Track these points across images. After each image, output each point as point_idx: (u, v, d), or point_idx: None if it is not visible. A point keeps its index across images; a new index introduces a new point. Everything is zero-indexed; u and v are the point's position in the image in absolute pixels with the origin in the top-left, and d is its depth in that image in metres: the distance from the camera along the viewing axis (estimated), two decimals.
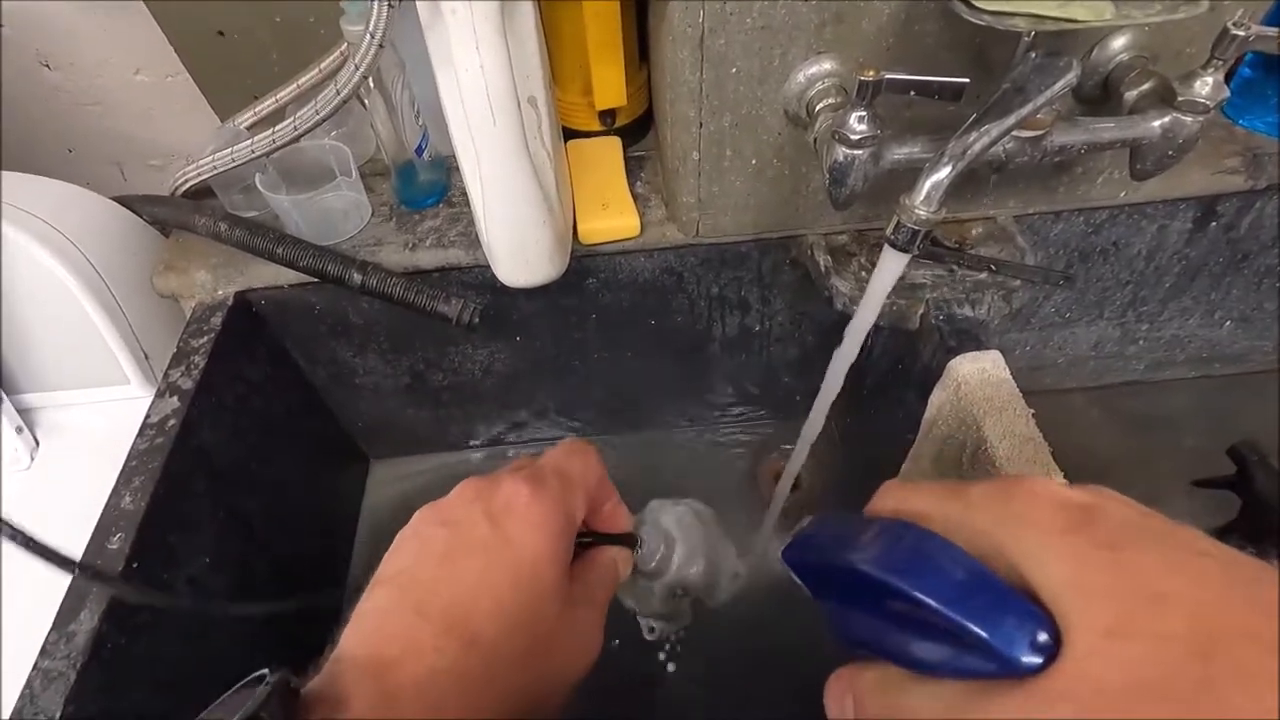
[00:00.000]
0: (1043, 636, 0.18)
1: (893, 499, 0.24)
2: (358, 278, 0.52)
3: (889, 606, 0.21)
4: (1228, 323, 0.70)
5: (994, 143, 0.34)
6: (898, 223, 0.35)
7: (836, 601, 0.24)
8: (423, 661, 0.22)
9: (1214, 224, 0.59)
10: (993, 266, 0.52)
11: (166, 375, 0.51)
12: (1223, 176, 0.54)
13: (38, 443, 0.54)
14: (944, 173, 0.33)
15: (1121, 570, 0.17)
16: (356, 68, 0.41)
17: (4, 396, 0.53)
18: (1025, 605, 0.18)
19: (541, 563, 0.25)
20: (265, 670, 0.21)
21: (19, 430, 0.53)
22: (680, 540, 0.34)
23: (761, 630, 0.64)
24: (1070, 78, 0.35)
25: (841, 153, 0.39)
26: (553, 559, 0.25)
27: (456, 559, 0.24)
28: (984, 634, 0.18)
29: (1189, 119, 0.39)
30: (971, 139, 0.33)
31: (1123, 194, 0.54)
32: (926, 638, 0.20)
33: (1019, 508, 0.20)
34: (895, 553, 0.21)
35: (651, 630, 0.37)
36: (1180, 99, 0.39)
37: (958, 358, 0.48)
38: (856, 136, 0.38)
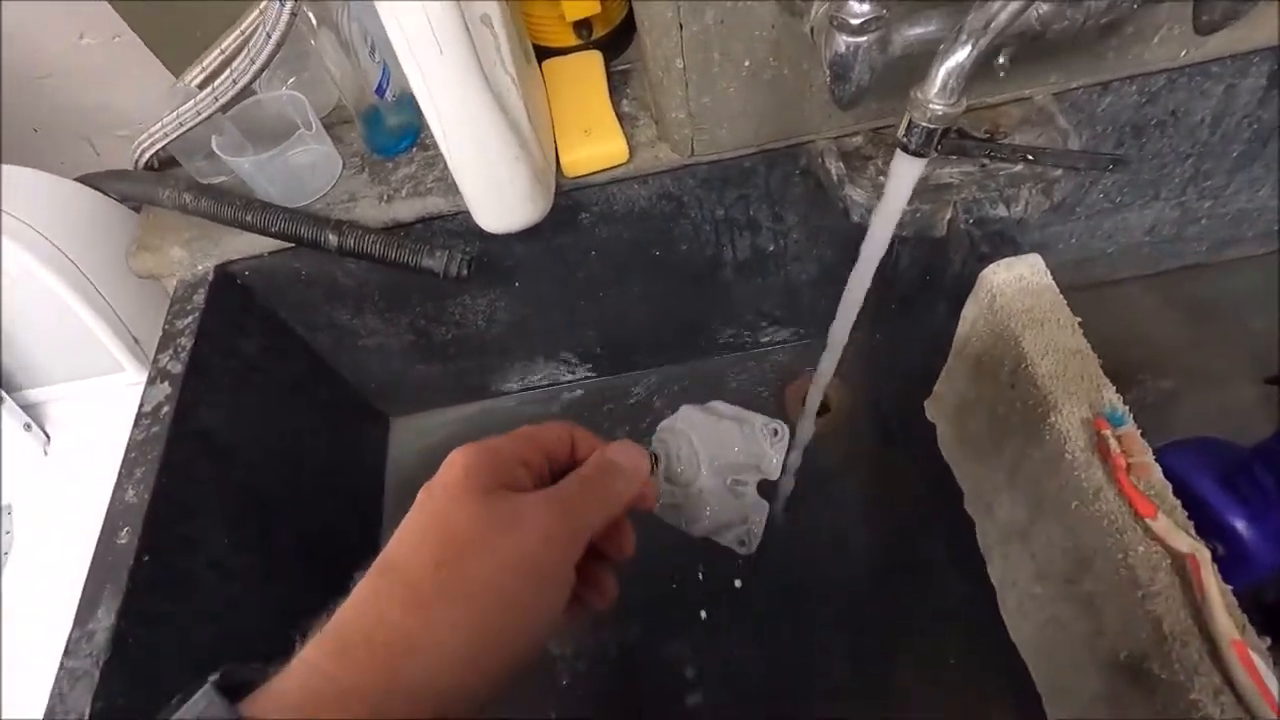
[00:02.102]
0: None
1: None
2: (333, 239, 0.49)
3: None
4: None
5: (1024, 9, 0.28)
6: (910, 122, 0.29)
7: None
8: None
9: None
10: (1030, 156, 0.45)
11: (155, 360, 0.49)
12: None
13: (48, 436, 0.54)
14: (963, 54, 0.28)
15: None
16: (282, 3, 0.37)
17: (5, 395, 0.52)
18: None
19: (456, 506, 0.25)
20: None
21: (27, 427, 0.53)
22: (696, 436, 0.33)
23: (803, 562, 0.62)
24: None
25: (843, 42, 0.33)
26: (461, 508, 0.24)
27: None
28: None
29: None
30: (995, 8, 0.27)
31: (1184, 53, 0.47)
32: None
33: None
34: None
35: (742, 544, 0.34)
36: None
37: (991, 266, 0.43)
38: (858, 20, 0.32)
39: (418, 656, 0.22)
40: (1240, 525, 0.46)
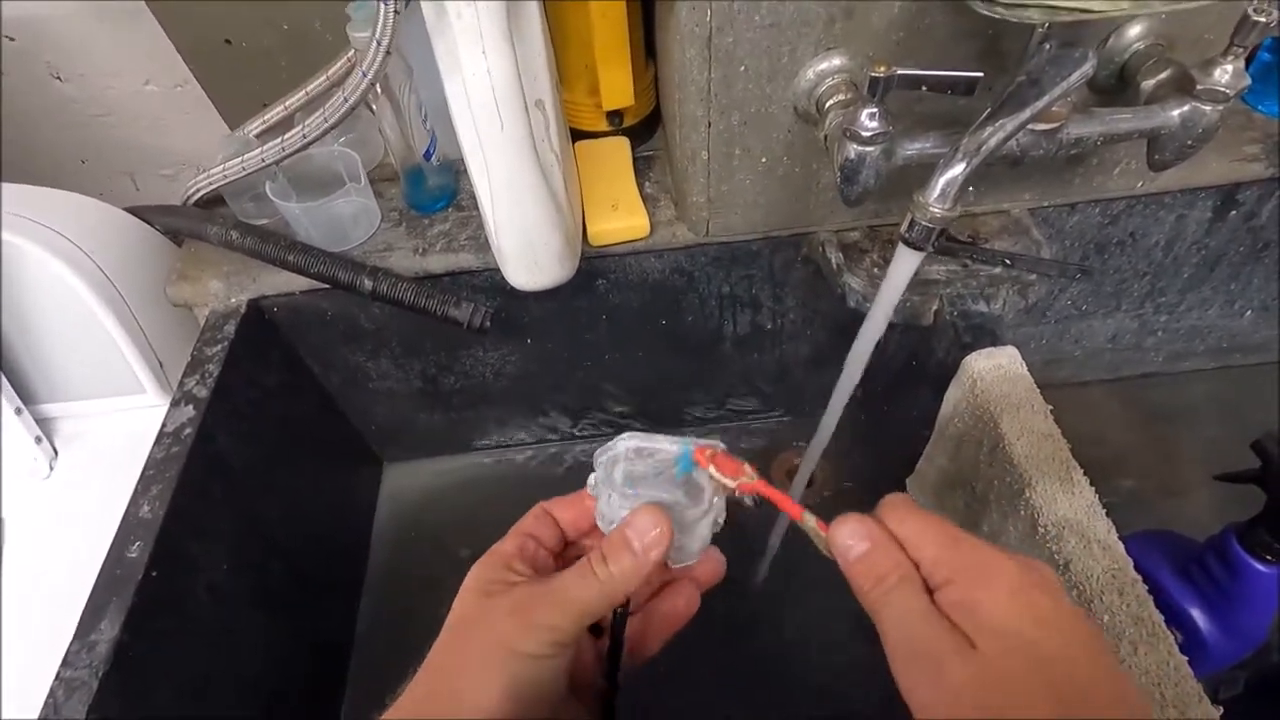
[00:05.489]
0: None
1: None
2: (368, 284, 0.52)
3: None
4: (1248, 312, 0.69)
5: (1009, 137, 0.33)
6: (912, 220, 0.34)
7: None
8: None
9: (1234, 212, 0.58)
10: (1008, 261, 0.51)
11: (182, 384, 0.51)
12: (1242, 164, 0.53)
13: (56, 452, 0.55)
14: (959, 169, 0.33)
15: None
16: (364, 74, 0.41)
17: (23, 407, 0.53)
18: None
19: (462, 604, 0.30)
20: None
21: (38, 440, 0.54)
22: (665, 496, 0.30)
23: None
24: (1086, 69, 0.34)
25: (853, 150, 0.39)
26: (469, 600, 0.30)
27: None
28: None
29: (1209, 108, 0.38)
30: (986, 134, 0.33)
31: (1139, 184, 0.54)
32: None
33: None
34: None
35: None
36: (1199, 87, 0.38)
37: (973, 354, 0.47)
38: (868, 133, 0.37)
39: None
40: (1195, 612, 0.49)
